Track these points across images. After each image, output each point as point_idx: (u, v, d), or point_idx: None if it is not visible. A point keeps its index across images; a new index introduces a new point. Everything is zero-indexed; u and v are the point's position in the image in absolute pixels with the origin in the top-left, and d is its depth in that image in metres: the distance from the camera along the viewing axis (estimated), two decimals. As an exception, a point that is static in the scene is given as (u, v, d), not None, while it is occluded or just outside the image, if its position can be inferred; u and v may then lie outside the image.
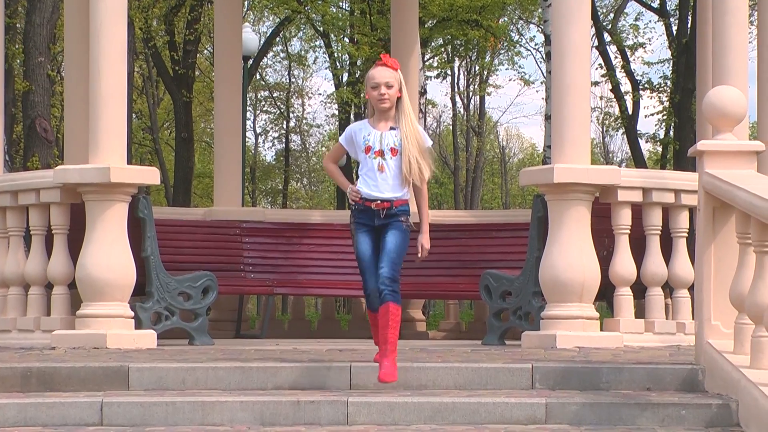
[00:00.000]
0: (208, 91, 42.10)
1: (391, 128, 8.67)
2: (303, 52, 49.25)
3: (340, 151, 9.18)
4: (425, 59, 41.22)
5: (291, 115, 58.12)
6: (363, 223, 8.72)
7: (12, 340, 11.95)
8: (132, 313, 11.60)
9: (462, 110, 57.89)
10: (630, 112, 40.89)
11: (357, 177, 9.05)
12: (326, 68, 47.72)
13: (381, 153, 8.63)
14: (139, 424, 8.42)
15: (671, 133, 37.33)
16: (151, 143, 48.01)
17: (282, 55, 51.37)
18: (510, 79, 55.36)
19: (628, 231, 11.85)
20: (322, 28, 40.61)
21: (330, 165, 9.21)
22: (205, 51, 42.04)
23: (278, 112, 57.98)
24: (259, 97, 55.49)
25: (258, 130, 58.66)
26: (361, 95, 38.32)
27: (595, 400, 8.52)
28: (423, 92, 39.01)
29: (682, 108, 33.57)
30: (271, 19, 45.05)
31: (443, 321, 16.97)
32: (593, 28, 32.12)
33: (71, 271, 11.86)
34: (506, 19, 43.53)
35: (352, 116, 39.55)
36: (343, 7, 39.57)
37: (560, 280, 11.35)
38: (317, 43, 45.28)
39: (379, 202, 8.62)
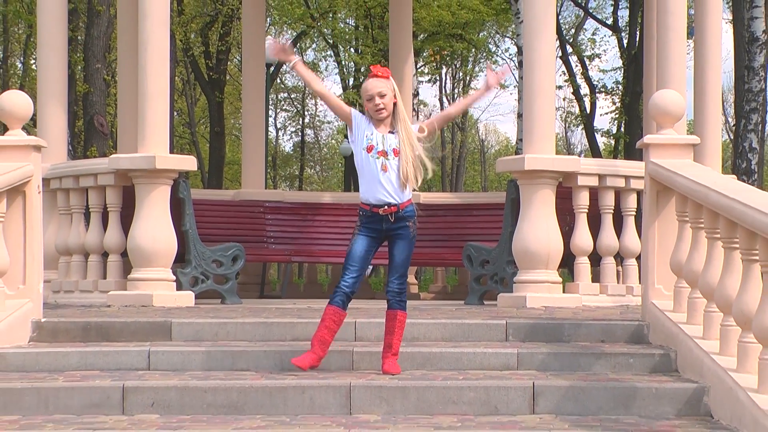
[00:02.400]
0: (236, 93, 41.95)
1: (390, 132, 7.85)
2: (316, 60, 49.10)
3: (345, 111, 8.03)
4: (418, 67, 41.08)
5: (306, 113, 58.23)
6: (369, 228, 7.88)
7: (74, 299, 11.96)
8: (174, 277, 11.61)
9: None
10: (588, 111, 40.89)
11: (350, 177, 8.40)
12: (336, 74, 47.51)
13: (384, 153, 7.77)
14: (179, 369, 8.44)
15: (622, 128, 37.24)
16: (189, 136, 47.99)
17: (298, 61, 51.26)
18: (487, 83, 55.12)
19: (586, 210, 11.85)
20: (332, 41, 40.52)
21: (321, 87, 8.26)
22: (235, 59, 41.91)
23: (295, 110, 58.05)
24: (279, 97, 55.40)
25: (278, 126, 58.57)
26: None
27: (558, 350, 8.54)
28: (416, 94, 38.72)
29: (631, 108, 33.48)
30: (289, 33, 44.88)
31: (432, 284, 16.97)
32: (557, 41, 32.05)
33: (123, 242, 11.86)
34: (485, 33, 43.40)
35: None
36: (350, 23, 39.46)
37: (529, 250, 11.35)
38: (328, 53, 45.20)
39: (386, 207, 7.81)
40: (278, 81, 48.16)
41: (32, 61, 41.67)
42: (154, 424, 7.21)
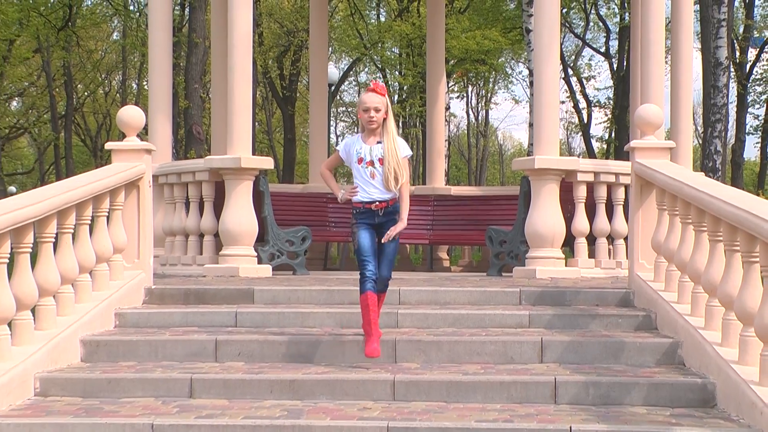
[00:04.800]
0: (305, 107, 41.96)
1: (378, 142, 7.45)
2: (367, 81, 49.16)
3: (337, 160, 7.75)
4: (449, 85, 41.03)
5: (358, 122, 58.23)
6: (365, 222, 7.48)
7: (177, 270, 12.02)
8: (255, 254, 11.63)
9: (473, 120, 57.77)
10: (585, 122, 40.76)
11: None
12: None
13: (372, 163, 7.41)
14: (260, 326, 8.47)
15: (613, 135, 37.06)
16: (267, 141, 48.08)
17: (354, 83, 51.24)
18: (505, 99, 55.31)
19: (584, 200, 11.79)
20: (380, 65, 40.45)
21: (325, 171, 7.82)
22: (303, 80, 41.91)
23: (351, 121, 57.88)
24: (338, 111, 55.44)
25: (337, 133, 58.63)
26: (406, 109, 38.21)
27: (561, 312, 8.51)
28: (447, 107, 38.84)
29: (619, 119, 33.31)
30: (346, 59, 44.91)
31: (461, 259, 16.91)
32: (561, 65, 31.90)
33: (215, 225, 11.90)
34: (503, 59, 43.20)
35: (400, 124, 39.37)
36: (395, 51, 39.39)
37: (539, 233, 11.30)
38: (377, 74, 45.04)
39: (377, 203, 7.43)
40: (338, 98, 48.17)
41: (144, 83, 41.90)
42: (240, 370, 7.25)
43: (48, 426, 6.09)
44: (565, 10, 36.24)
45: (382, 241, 7.47)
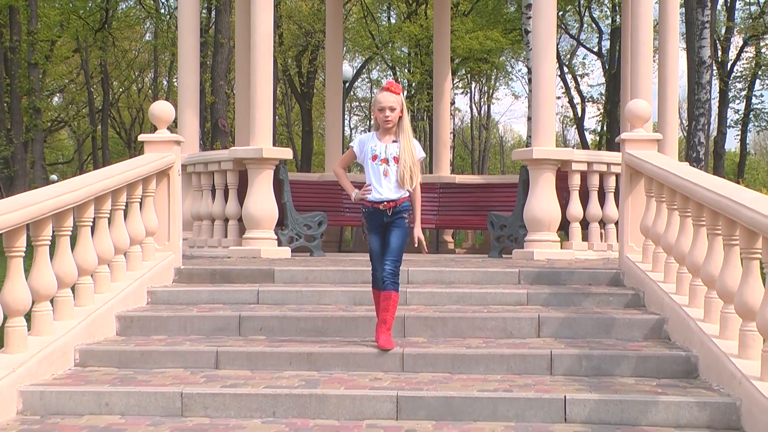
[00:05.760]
0: (321, 102, 41.97)
1: (393, 141, 6.97)
2: (379, 78, 49.04)
3: (351, 156, 7.19)
4: (454, 82, 40.94)
5: (371, 116, 58.20)
6: (374, 224, 6.99)
7: (204, 252, 12.04)
8: (275, 237, 11.63)
9: (476, 114, 57.68)
10: (579, 116, 40.61)
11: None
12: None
13: (386, 161, 6.90)
14: (280, 303, 8.47)
15: (605, 128, 36.98)
16: (286, 134, 48.03)
17: (366, 79, 51.15)
18: (506, 95, 55.17)
19: (578, 188, 11.75)
20: (391, 63, 40.35)
21: (339, 170, 7.31)
22: (320, 77, 41.85)
23: (364, 114, 57.87)
24: (352, 105, 55.39)
25: (351, 126, 58.58)
26: (415, 104, 38.14)
27: (557, 291, 8.49)
28: (452, 102, 38.85)
29: (611, 113, 33.24)
30: (359, 58, 44.81)
31: (464, 242, 16.92)
32: (557, 64, 31.82)
33: (239, 211, 11.91)
34: (504, 57, 43.05)
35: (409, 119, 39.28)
36: (404, 50, 39.28)
37: (536, 218, 11.27)
38: (388, 72, 44.93)
39: (386, 203, 6.90)
40: (351, 93, 48.10)
41: (174, 80, 41.95)
42: (262, 343, 7.26)
43: (87, 394, 6.11)
44: (561, 13, 36.12)
45: (416, 245, 7.05)
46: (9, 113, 27.82)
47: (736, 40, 38.95)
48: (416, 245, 7.06)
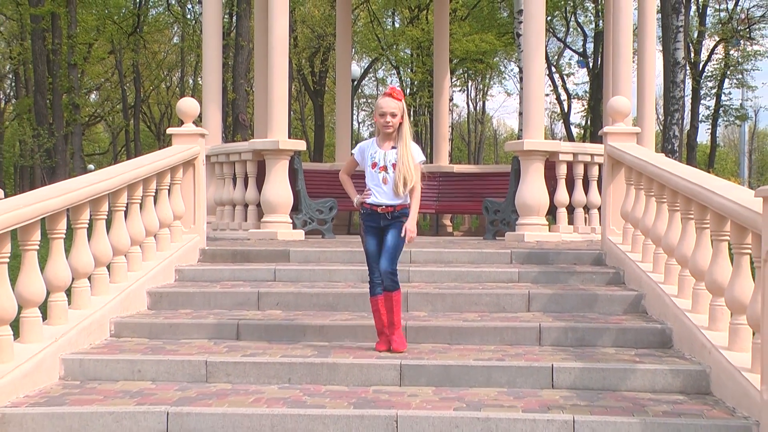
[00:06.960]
0: (332, 99, 41.89)
1: (392, 147, 6.37)
2: (384, 77, 48.91)
3: (353, 164, 6.65)
4: (452, 80, 40.83)
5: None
6: (371, 225, 6.40)
7: (226, 234, 12.03)
8: (291, 221, 11.63)
9: (472, 109, 57.54)
10: (566, 111, 40.47)
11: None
12: (397, 86, 47.41)
13: (385, 168, 6.33)
14: (295, 280, 8.47)
15: (588, 122, 36.88)
16: (300, 127, 48.01)
17: (373, 78, 51.01)
18: (499, 92, 55.02)
19: (565, 177, 11.72)
20: (395, 64, 40.25)
21: (344, 176, 6.73)
22: (331, 76, 41.74)
23: (370, 110, 57.65)
24: (360, 101, 55.26)
25: (359, 120, 58.49)
26: (417, 100, 38.05)
27: (545, 270, 8.47)
28: (451, 99, 38.72)
29: (594, 109, 33.14)
30: (366, 58, 44.66)
31: (462, 226, 16.89)
32: (546, 64, 31.72)
33: (257, 197, 11.90)
34: (498, 58, 42.89)
35: (411, 113, 39.22)
36: (407, 52, 39.14)
37: (526, 203, 11.25)
38: (392, 71, 44.81)
39: (384, 207, 6.33)
40: (359, 91, 47.99)
41: (199, 79, 41.88)
42: (279, 317, 7.26)
43: (121, 361, 6.12)
44: (549, 18, 35.98)
45: (403, 238, 6.36)
46: (51, 109, 27.87)
47: (708, 43, 38.77)
48: (402, 235, 6.33)
